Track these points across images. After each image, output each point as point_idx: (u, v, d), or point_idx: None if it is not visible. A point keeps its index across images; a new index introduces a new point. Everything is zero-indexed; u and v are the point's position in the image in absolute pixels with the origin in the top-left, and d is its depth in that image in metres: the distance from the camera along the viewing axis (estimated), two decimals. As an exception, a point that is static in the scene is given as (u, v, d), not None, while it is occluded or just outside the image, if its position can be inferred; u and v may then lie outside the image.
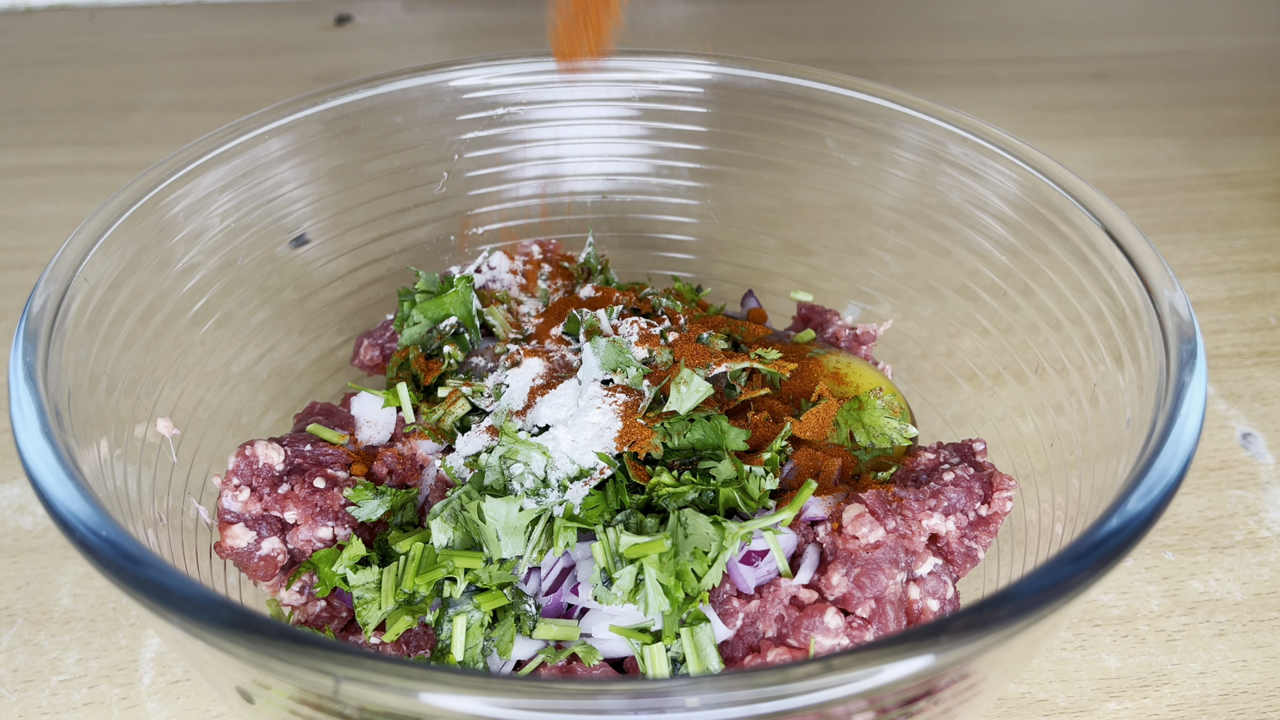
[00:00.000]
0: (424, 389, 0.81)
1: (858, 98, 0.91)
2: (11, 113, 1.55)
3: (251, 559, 0.71)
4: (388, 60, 1.70)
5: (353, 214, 0.93)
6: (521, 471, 0.69)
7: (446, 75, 0.94)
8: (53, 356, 0.64)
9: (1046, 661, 0.83)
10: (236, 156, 0.84)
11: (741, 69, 0.94)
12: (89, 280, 0.70)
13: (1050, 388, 0.79)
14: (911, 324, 0.92)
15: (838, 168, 0.94)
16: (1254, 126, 1.54)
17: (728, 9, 1.86)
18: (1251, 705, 0.80)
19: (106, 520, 0.54)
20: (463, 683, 0.46)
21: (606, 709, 0.46)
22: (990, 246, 0.85)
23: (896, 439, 0.76)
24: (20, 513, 0.94)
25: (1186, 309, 0.67)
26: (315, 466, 0.73)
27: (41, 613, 0.85)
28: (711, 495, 0.68)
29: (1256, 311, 1.19)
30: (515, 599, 0.66)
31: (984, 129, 0.84)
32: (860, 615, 0.64)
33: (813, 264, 0.97)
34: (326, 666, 0.47)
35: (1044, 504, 0.75)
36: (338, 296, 0.93)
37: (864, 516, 0.66)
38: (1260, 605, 0.87)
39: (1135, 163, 1.45)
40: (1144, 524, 0.54)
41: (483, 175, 0.98)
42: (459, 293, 0.84)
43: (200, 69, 1.67)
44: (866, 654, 0.47)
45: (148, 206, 0.77)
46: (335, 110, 0.90)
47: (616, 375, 0.74)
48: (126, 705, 0.79)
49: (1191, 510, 0.95)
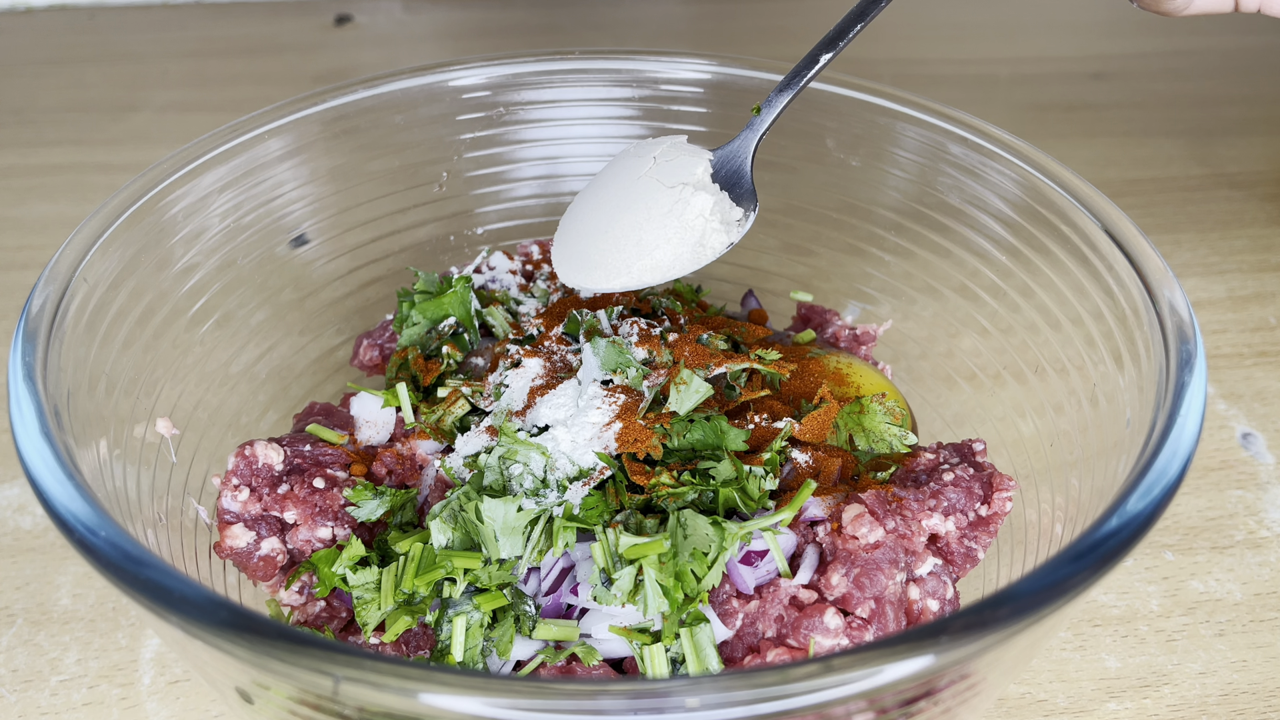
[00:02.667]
0: (423, 389, 0.81)
1: (858, 98, 0.91)
2: (11, 113, 1.55)
3: (251, 559, 0.71)
4: (388, 60, 1.70)
5: (352, 214, 0.93)
6: (521, 472, 0.69)
7: (446, 75, 0.94)
8: (52, 356, 0.64)
9: (1046, 661, 0.83)
10: (236, 156, 0.84)
11: (741, 69, 0.94)
12: (88, 280, 0.70)
13: (1050, 388, 0.79)
14: (911, 324, 0.92)
15: (838, 168, 0.94)
16: (1254, 126, 1.54)
17: (728, 9, 1.86)
18: (1251, 705, 0.80)
19: (106, 520, 0.54)
20: (462, 683, 0.46)
21: (606, 709, 0.46)
22: (990, 246, 0.85)
23: (896, 445, 0.76)
24: (20, 513, 0.94)
25: (1186, 309, 0.67)
26: (315, 466, 0.73)
27: (41, 613, 0.85)
28: (711, 496, 0.68)
29: (1256, 311, 1.19)
30: (515, 599, 0.66)
31: (984, 129, 0.84)
32: (860, 615, 0.64)
33: (813, 264, 0.97)
34: (326, 667, 0.47)
35: (1044, 504, 0.75)
36: (337, 296, 0.93)
37: (864, 517, 0.66)
38: (1260, 605, 0.87)
39: (1135, 163, 1.45)
40: (1144, 524, 0.54)
41: (483, 175, 0.98)
42: (458, 293, 0.84)
43: (200, 69, 1.67)
44: (866, 654, 0.47)
45: (147, 206, 0.77)
46: (335, 110, 0.90)
47: (616, 376, 0.74)
48: (126, 705, 0.79)
49: (1191, 510, 0.95)
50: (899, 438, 0.76)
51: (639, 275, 0.74)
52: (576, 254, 0.76)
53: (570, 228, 0.78)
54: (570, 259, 0.76)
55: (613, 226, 0.74)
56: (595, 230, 0.75)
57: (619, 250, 0.73)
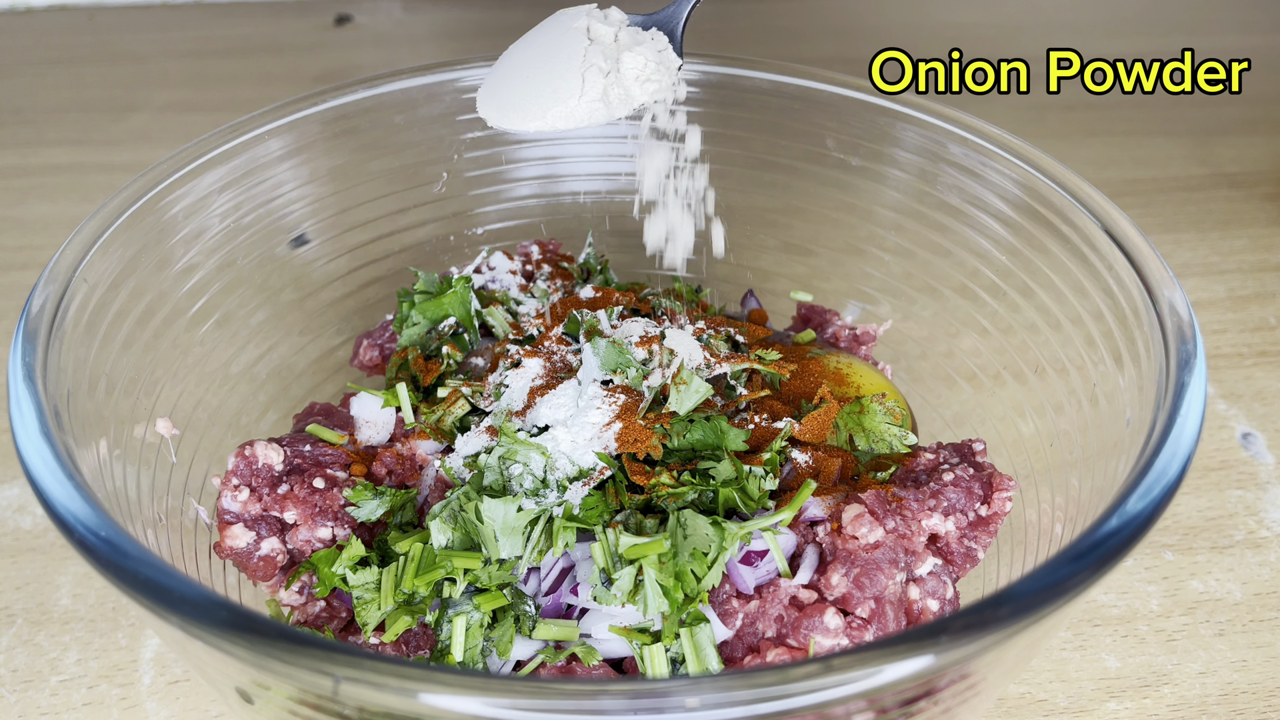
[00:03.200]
0: (423, 389, 0.81)
1: (858, 98, 0.91)
2: (11, 113, 1.55)
3: (251, 559, 0.71)
4: (388, 60, 1.70)
5: (352, 214, 0.93)
6: (521, 472, 0.69)
7: (446, 75, 0.94)
8: (52, 357, 0.64)
9: (1046, 661, 0.83)
10: (236, 156, 0.84)
11: (741, 69, 0.94)
12: (88, 280, 0.70)
13: (1050, 388, 0.79)
14: (911, 324, 0.92)
15: (838, 168, 0.94)
16: (1254, 126, 1.54)
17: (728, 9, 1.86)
18: (1251, 705, 0.80)
19: (105, 520, 0.54)
20: (462, 683, 0.46)
21: (606, 709, 0.46)
22: (990, 246, 0.85)
23: (896, 445, 0.76)
24: (20, 513, 0.94)
25: (1186, 309, 0.67)
26: (315, 467, 0.73)
27: (41, 613, 0.85)
28: (711, 496, 0.68)
29: (1256, 311, 1.19)
30: (515, 599, 0.66)
31: (984, 129, 0.84)
32: (860, 615, 0.64)
33: (813, 264, 0.97)
34: (326, 667, 0.47)
35: (1044, 504, 0.75)
36: (337, 296, 0.93)
37: (863, 517, 0.66)
38: (1260, 605, 0.87)
39: (1135, 163, 1.45)
40: (1144, 524, 0.54)
41: (483, 175, 0.98)
42: (458, 293, 0.84)
43: (200, 69, 1.67)
44: (866, 654, 0.47)
45: (147, 206, 0.77)
46: (335, 110, 0.90)
47: (616, 376, 0.74)
48: (126, 705, 0.79)
49: (1191, 510, 0.95)
50: (899, 438, 0.76)
51: (553, 120, 0.75)
52: (498, 96, 0.78)
53: (498, 71, 0.80)
54: (493, 100, 0.79)
55: (535, 74, 0.76)
56: (518, 75, 0.78)
57: (537, 96, 0.75)
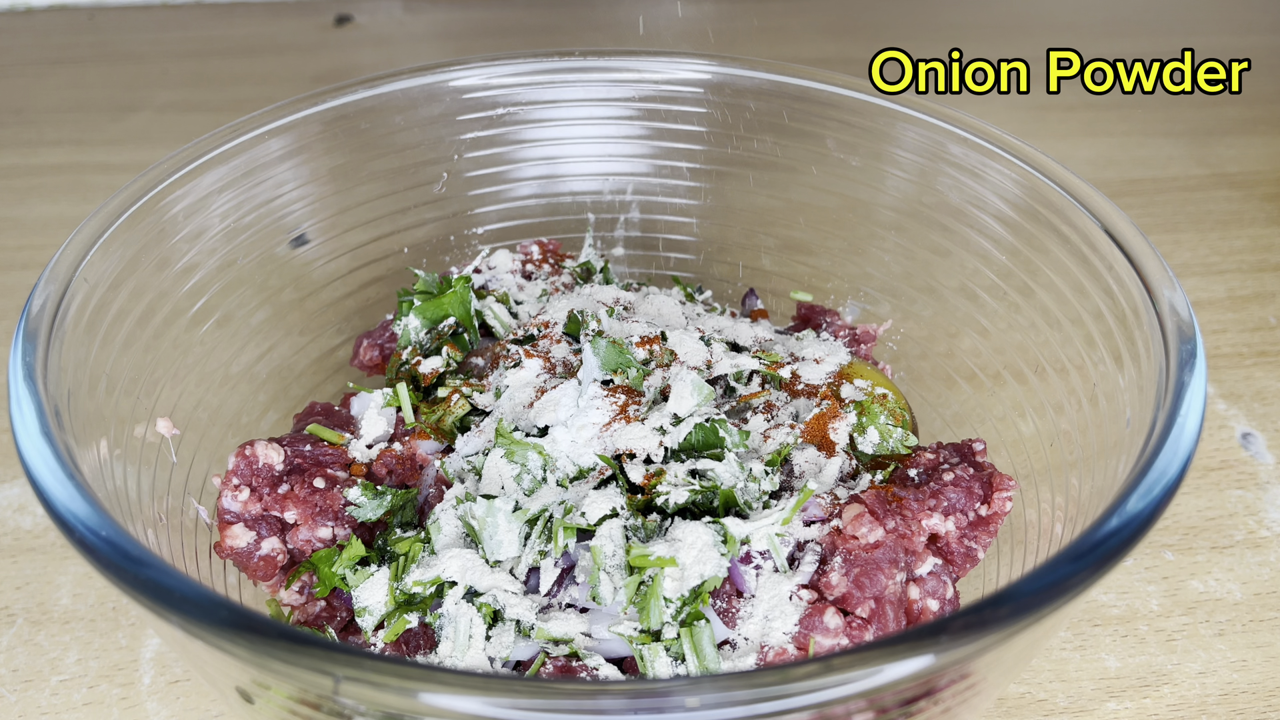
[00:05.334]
0: (424, 389, 0.81)
1: (858, 98, 0.90)
2: (11, 113, 1.55)
3: (251, 559, 0.71)
4: (388, 60, 1.70)
5: (353, 214, 0.93)
6: (520, 472, 0.69)
7: (446, 75, 0.94)
8: (52, 356, 0.64)
9: (1046, 661, 0.83)
10: (236, 156, 0.84)
11: (741, 69, 0.94)
12: (88, 280, 0.70)
13: (1050, 388, 0.79)
14: (911, 324, 0.92)
15: (838, 168, 0.94)
16: (1254, 127, 1.54)
17: (728, 9, 1.86)
18: (1251, 705, 0.80)
19: (106, 520, 0.54)
20: (462, 683, 0.46)
21: (606, 709, 0.46)
22: (990, 246, 0.85)
23: (897, 448, 0.76)
24: (20, 513, 0.94)
25: (1186, 309, 0.67)
26: (315, 466, 0.73)
27: (41, 613, 0.85)
28: (711, 495, 0.68)
29: (1256, 311, 1.19)
30: (515, 599, 0.66)
31: (984, 129, 0.84)
32: (860, 615, 0.64)
33: (813, 264, 0.97)
34: (326, 666, 0.47)
35: (1044, 504, 0.75)
36: (337, 296, 0.93)
37: (864, 516, 0.66)
38: (1260, 605, 0.87)
39: (1135, 163, 1.45)
40: (1144, 524, 0.54)
41: (483, 175, 0.98)
42: (458, 293, 0.84)
43: (200, 69, 1.67)
44: (866, 654, 0.47)
45: (147, 207, 0.77)
46: (335, 110, 0.90)
47: (616, 376, 0.74)
48: (126, 705, 0.79)
49: (1191, 510, 0.95)
50: (900, 440, 0.76)
51: None
52: None
53: None
54: None
55: None
56: None
57: None
